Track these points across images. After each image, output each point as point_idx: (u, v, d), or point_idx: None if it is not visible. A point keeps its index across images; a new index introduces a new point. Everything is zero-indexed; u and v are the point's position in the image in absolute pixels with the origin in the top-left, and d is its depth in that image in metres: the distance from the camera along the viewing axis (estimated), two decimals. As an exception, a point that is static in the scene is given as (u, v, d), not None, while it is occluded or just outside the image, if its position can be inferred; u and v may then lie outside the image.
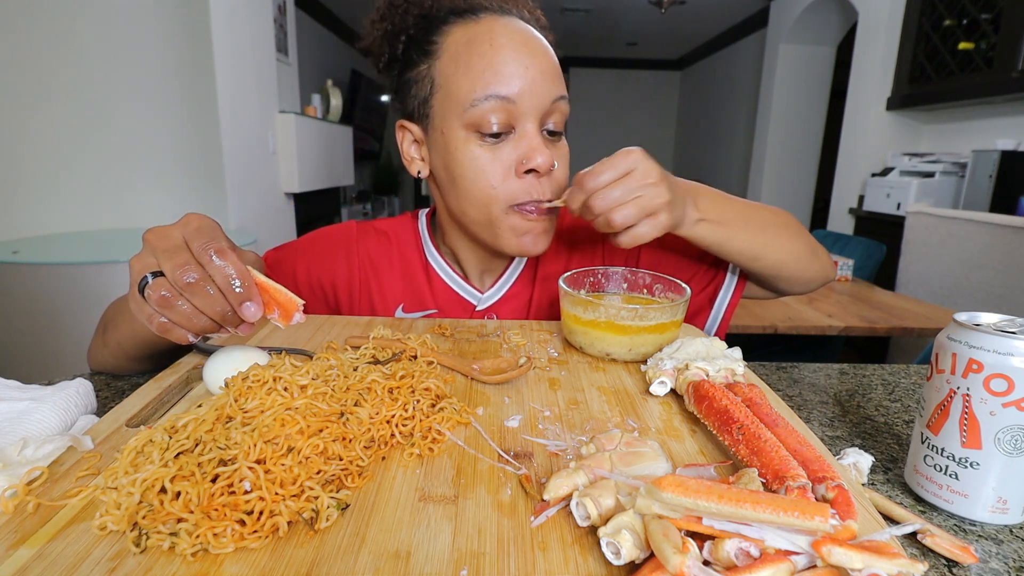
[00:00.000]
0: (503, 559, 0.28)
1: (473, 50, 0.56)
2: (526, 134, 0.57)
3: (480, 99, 0.55)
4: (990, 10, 2.42)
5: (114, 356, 0.58)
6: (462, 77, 0.56)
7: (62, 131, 2.29)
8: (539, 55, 0.57)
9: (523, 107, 0.56)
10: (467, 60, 0.56)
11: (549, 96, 0.57)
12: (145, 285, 0.39)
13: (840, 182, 3.39)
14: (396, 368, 0.44)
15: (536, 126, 0.58)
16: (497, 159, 0.57)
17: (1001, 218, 1.97)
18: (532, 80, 0.56)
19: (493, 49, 0.55)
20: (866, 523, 0.30)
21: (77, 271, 1.72)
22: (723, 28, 5.44)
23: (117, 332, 0.56)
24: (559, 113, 0.59)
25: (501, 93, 0.55)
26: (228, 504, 0.29)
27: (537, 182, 0.58)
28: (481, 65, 0.55)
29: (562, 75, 0.60)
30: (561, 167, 0.61)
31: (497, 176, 0.57)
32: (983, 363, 0.36)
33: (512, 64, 0.55)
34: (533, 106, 0.57)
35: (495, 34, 0.56)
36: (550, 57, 0.58)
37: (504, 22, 0.57)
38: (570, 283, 0.60)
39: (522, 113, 0.57)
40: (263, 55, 2.82)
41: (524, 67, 0.56)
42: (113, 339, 0.56)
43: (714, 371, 0.46)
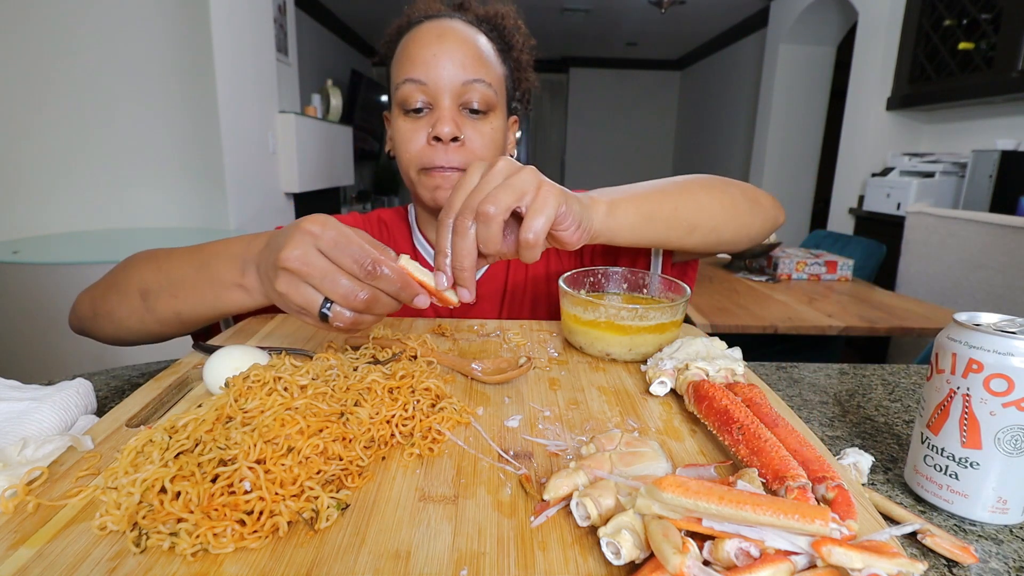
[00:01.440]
0: (503, 559, 0.28)
1: (405, 48, 0.69)
2: (439, 108, 0.67)
3: (401, 82, 0.68)
4: (990, 10, 2.42)
5: (161, 324, 0.56)
6: (396, 68, 0.70)
7: (62, 131, 2.29)
8: (452, 46, 0.67)
9: (434, 88, 0.67)
10: (399, 55, 0.69)
11: (459, 79, 0.67)
12: (327, 318, 0.42)
13: (840, 182, 3.39)
14: (396, 368, 0.44)
15: (451, 103, 0.67)
16: (415, 130, 0.69)
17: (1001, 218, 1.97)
18: (441, 66, 0.66)
19: (414, 44, 0.68)
20: (866, 523, 0.30)
21: (77, 271, 1.72)
22: (723, 28, 5.44)
23: (176, 302, 0.54)
24: (476, 93, 0.67)
25: (414, 77, 0.67)
26: (228, 504, 0.29)
27: (444, 149, 0.67)
28: (404, 57, 0.68)
29: (483, 61, 0.69)
30: (480, 141, 0.69)
31: (414, 143, 0.69)
32: (983, 363, 0.36)
33: (424, 54, 0.66)
34: (444, 87, 0.67)
35: (419, 33, 0.68)
36: (467, 46, 0.67)
37: (432, 24, 0.69)
38: (570, 283, 0.60)
39: (435, 92, 0.67)
40: (263, 55, 2.82)
41: (433, 55, 0.66)
42: (169, 307, 0.54)
43: (714, 371, 0.46)
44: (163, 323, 0.57)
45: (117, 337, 0.60)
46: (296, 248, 0.41)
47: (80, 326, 0.62)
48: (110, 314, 0.58)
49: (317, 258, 0.41)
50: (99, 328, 0.60)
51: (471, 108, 0.68)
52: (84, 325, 0.62)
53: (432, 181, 0.69)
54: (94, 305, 0.60)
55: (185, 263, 0.55)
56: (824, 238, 2.64)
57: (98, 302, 0.59)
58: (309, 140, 3.29)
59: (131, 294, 0.56)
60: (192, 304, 0.54)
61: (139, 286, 0.56)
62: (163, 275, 0.55)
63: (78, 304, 0.62)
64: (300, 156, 3.14)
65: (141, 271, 0.57)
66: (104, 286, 0.60)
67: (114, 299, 0.58)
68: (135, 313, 0.56)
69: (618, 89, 7.06)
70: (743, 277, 2.01)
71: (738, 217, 0.63)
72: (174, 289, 0.54)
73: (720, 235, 0.63)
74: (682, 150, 7.05)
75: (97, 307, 0.59)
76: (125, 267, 0.59)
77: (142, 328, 0.58)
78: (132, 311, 0.56)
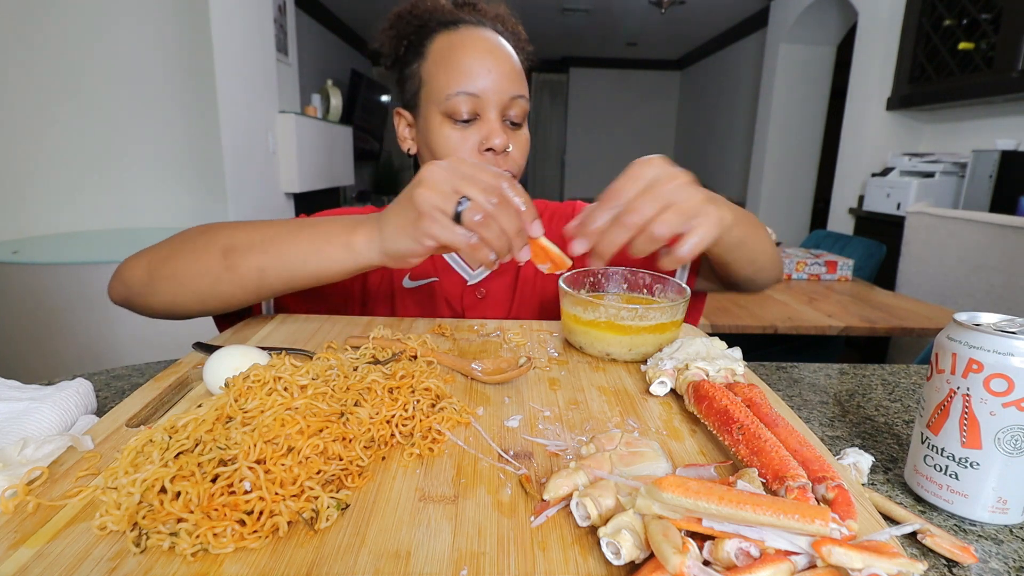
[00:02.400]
0: (503, 559, 0.28)
1: (451, 55, 0.69)
2: (488, 121, 0.69)
3: (453, 94, 0.68)
4: (990, 10, 2.42)
5: (237, 284, 0.56)
6: (443, 76, 0.69)
7: (62, 132, 2.29)
8: (501, 61, 0.70)
9: (486, 100, 0.69)
10: (446, 63, 0.69)
11: (508, 93, 0.70)
12: (462, 209, 0.45)
13: (840, 182, 3.38)
14: (396, 368, 0.44)
15: (497, 115, 0.70)
16: (464, 139, 0.70)
17: (1001, 218, 1.97)
18: (494, 80, 0.68)
19: (465, 55, 0.69)
20: (866, 523, 0.30)
21: (77, 271, 1.72)
22: (723, 28, 5.44)
23: (265, 258, 0.54)
24: (518, 108, 0.71)
25: (469, 90, 0.68)
26: (228, 504, 0.29)
27: (493, 160, 0.70)
28: (455, 67, 0.68)
29: (523, 78, 0.73)
30: (517, 151, 0.73)
31: (463, 152, 0.69)
32: (983, 363, 0.36)
33: (478, 67, 0.68)
34: (494, 100, 0.69)
35: (468, 42, 0.69)
36: (511, 61, 0.71)
37: (477, 32, 0.71)
38: (570, 283, 0.60)
39: (485, 105, 0.69)
40: (263, 55, 2.82)
41: (487, 70, 0.68)
42: (255, 263, 0.55)
43: (714, 371, 0.46)
44: (240, 283, 0.56)
45: (173, 303, 0.59)
46: (441, 164, 0.47)
47: (126, 294, 0.60)
48: (174, 275, 0.57)
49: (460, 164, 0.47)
50: (153, 293, 0.58)
51: (511, 120, 0.72)
52: (134, 291, 0.59)
53: None
54: (152, 268, 0.58)
55: (282, 225, 0.56)
56: (824, 238, 2.64)
57: (158, 264, 0.58)
58: (309, 140, 3.29)
59: (210, 252, 0.56)
60: (282, 261, 0.54)
61: (224, 244, 0.56)
62: (257, 233, 0.56)
63: (128, 270, 0.60)
64: (300, 156, 3.14)
65: (227, 231, 0.57)
66: (169, 248, 0.59)
67: (185, 259, 0.57)
68: (210, 272, 0.56)
69: (618, 89, 7.06)
70: (743, 277, 2.01)
71: (774, 265, 0.70)
72: (265, 245, 0.55)
73: (760, 277, 0.69)
74: (682, 150, 7.05)
75: (157, 270, 0.58)
76: (202, 231, 0.58)
77: (212, 290, 0.57)
78: (207, 270, 0.56)
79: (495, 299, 0.78)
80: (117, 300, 0.62)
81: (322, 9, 4.78)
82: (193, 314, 0.61)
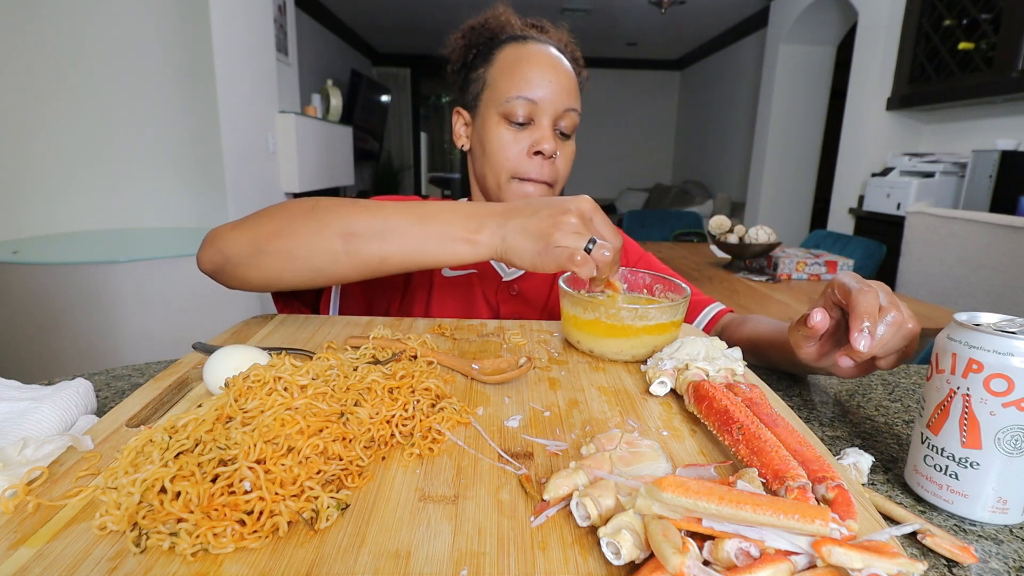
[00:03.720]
0: (503, 559, 0.28)
1: (517, 64, 0.76)
2: (541, 127, 0.76)
3: (513, 98, 0.75)
4: (990, 10, 2.42)
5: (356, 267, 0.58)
6: (506, 81, 0.76)
7: (62, 131, 2.29)
8: (561, 75, 0.76)
9: (542, 108, 0.75)
10: (511, 70, 0.76)
11: (563, 105, 0.76)
12: (590, 250, 0.53)
13: (840, 182, 3.39)
14: (396, 368, 0.44)
15: (550, 123, 0.76)
16: (516, 141, 0.76)
17: (1001, 218, 1.97)
18: (552, 91, 0.75)
19: (530, 65, 0.75)
20: (866, 523, 0.30)
21: (77, 271, 1.72)
22: (723, 28, 5.44)
23: (388, 247, 0.57)
24: (569, 120, 0.77)
25: (529, 96, 0.74)
26: (228, 504, 0.29)
27: (540, 163, 0.76)
28: (519, 75, 0.75)
29: (578, 93, 0.79)
30: (563, 160, 0.79)
31: (513, 152, 0.76)
32: (983, 363, 0.36)
33: (540, 77, 0.75)
34: (549, 109, 0.75)
35: (533, 55, 0.76)
36: (570, 78, 0.78)
37: (542, 48, 0.78)
38: (570, 283, 0.60)
39: (541, 112, 0.75)
40: (263, 55, 2.82)
41: (548, 81, 0.75)
42: (376, 251, 0.57)
43: (714, 371, 0.46)
44: (359, 266, 0.58)
45: (280, 277, 0.60)
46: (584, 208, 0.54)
47: (222, 264, 0.61)
48: (289, 252, 0.59)
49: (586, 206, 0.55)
50: (257, 266, 0.60)
51: (561, 130, 0.77)
52: (233, 262, 0.60)
53: (523, 189, 0.77)
54: (259, 242, 0.59)
55: (402, 214, 0.58)
56: (824, 238, 2.64)
57: (267, 239, 0.59)
58: (309, 140, 3.29)
59: (328, 234, 0.58)
60: (405, 251, 0.57)
61: (341, 228, 0.58)
62: (377, 221, 0.57)
63: (228, 240, 0.60)
64: (300, 156, 3.14)
65: (345, 216, 0.58)
66: (274, 223, 0.60)
67: (299, 238, 0.58)
68: (329, 252, 0.58)
69: (618, 89, 7.06)
70: (743, 277, 2.01)
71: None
72: (388, 235, 0.57)
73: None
74: (682, 150, 7.05)
75: (266, 244, 0.59)
76: (309, 209, 0.59)
77: (329, 268, 0.59)
78: (325, 249, 0.58)
79: (529, 297, 0.82)
80: (208, 269, 0.63)
81: (322, 9, 4.78)
82: (293, 287, 0.62)
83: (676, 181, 6.97)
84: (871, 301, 0.46)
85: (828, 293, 0.51)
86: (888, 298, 0.47)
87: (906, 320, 0.46)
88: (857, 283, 0.48)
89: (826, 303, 0.51)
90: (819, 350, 0.53)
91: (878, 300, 0.46)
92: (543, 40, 0.79)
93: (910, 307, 0.48)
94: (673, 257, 2.40)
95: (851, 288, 0.47)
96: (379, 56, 6.94)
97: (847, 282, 0.48)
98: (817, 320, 0.49)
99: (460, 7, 4.98)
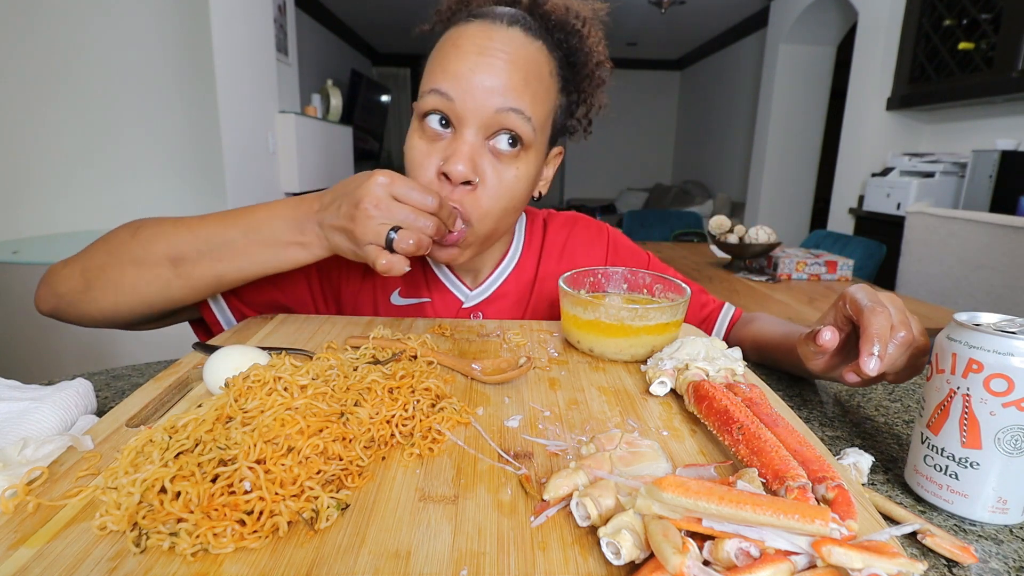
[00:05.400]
0: (503, 559, 0.28)
1: (442, 47, 0.58)
2: (459, 138, 0.56)
3: (427, 91, 0.56)
4: (990, 10, 2.42)
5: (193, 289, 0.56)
6: (427, 69, 0.59)
7: (62, 131, 2.29)
8: (493, 63, 0.55)
9: (460, 108, 0.55)
10: (435, 54, 0.58)
11: (490, 104, 0.55)
12: (392, 240, 0.49)
13: (840, 182, 3.39)
14: (396, 368, 0.44)
15: (475, 134, 0.56)
16: (429, 154, 0.57)
17: (1001, 218, 1.97)
18: (473, 84, 0.54)
19: (453, 49, 0.56)
20: (866, 523, 0.30)
21: (77, 271, 1.71)
22: (723, 28, 5.44)
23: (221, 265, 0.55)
24: (507, 127, 0.56)
25: (441, 88, 0.55)
26: (228, 504, 0.29)
27: (451, 190, 0.56)
28: (438, 60, 0.57)
29: (532, 90, 0.57)
30: (499, 190, 0.58)
31: (424, 170, 0.57)
32: (983, 363, 0.36)
33: (460, 65, 0.55)
34: (471, 110, 0.55)
35: (465, 37, 0.57)
36: (509, 69, 0.55)
37: (484, 29, 0.57)
38: (570, 283, 0.60)
39: (460, 115, 0.55)
40: (263, 55, 2.82)
41: (469, 70, 0.55)
42: (210, 271, 0.55)
43: (714, 371, 0.46)
44: (196, 288, 0.57)
45: (114, 311, 0.57)
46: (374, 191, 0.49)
47: (56, 304, 0.58)
48: (117, 283, 0.56)
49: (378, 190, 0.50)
50: (91, 301, 0.57)
51: (499, 147, 0.57)
52: (67, 299, 0.57)
53: None
54: (89, 277, 0.56)
55: (225, 228, 0.55)
56: (824, 238, 2.64)
57: (96, 273, 0.56)
58: (309, 140, 3.29)
59: (154, 261, 0.55)
60: (240, 265, 0.55)
61: (168, 253, 0.55)
62: (201, 241, 0.55)
63: (58, 279, 0.58)
64: (300, 156, 3.14)
65: (168, 238, 0.56)
66: (103, 255, 0.57)
67: (126, 268, 0.56)
68: (159, 280, 0.56)
69: (618, 89, 7.04)
70: (743, 277, 2.01)
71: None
72: (218, 253, 0.55)
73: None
74: (682, 150, 7.05)
75: (94, 278, 0.56)
76: (133, 233, 0.57)
77: (161, 295, 0.56)
78: (154, 278, 0.55)
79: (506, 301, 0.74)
80: (46, 310, 0.60)
81: (322, 9, 4.78)
82: (136, 319, 0.60)
83: (676, 181, 6.97)
84: (883, 323, 0.45)
85: (839, 306, 0.50)
86: (899, 316, 0.46)
87: (916, 337, 0.46)
88: (869, 300, 0.47)
89: (836, 316, 0.51)
90: (827, 363, 0.52)
91: (890, 320, 0.45)
92: (504, 17, 0.58)
93: (910, 307, 0.48)
94: (673, 257, 2.40)
95: (863, 306, 0.46)
96: (379, 56, 6.94)
97: (859, 299, 0.47)
98: (826, 339, 0.48)
99: (460, 7, 4.98)
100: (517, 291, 0.74)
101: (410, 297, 0.72)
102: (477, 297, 0.72)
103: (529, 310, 0.74)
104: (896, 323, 0.46)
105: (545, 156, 0.65)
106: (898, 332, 0.45)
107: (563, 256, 0.76)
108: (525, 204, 0.66)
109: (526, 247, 0.76)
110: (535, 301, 0.74)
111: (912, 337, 0.46)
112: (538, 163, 0.62)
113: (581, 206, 6.45)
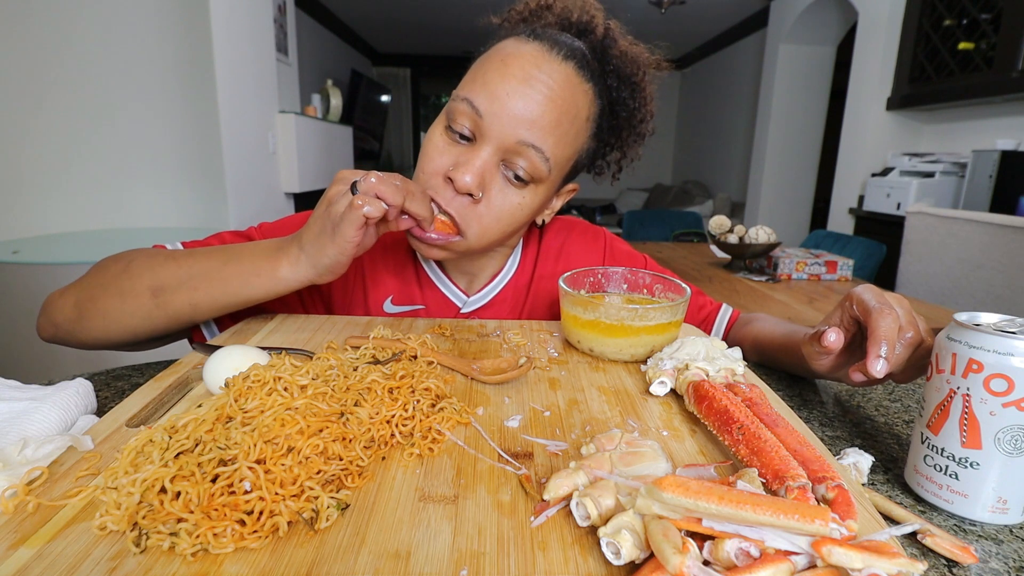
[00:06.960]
0: (503, 559, 0.28)
1: (492, 57, 0.59)
2: (476, 151, 0.57)
3: (460, 97, 0.58)
4: (990, 10, 2.42)
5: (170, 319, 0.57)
6: (472, 69, 0.60)
7: (62, 131, 2.29)
8: (531, 95, 0.56)
9: (486, 126, 0.56)
10: (484, 60, 0.59)
11: (514, 134, 0.56)
12: (356, 182, 0.50)
13: (840, 182, 3.39)
14: (396, 368, 0.44)
15: (492, 153, 0.57)
16: (444, 153, 0.58)
17: (1001, 218, 1.97)
18: (505, 109, 0.55)
19: (500, 65, 0.57)
20: (866, 523, 0.30)
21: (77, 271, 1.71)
22: (723, 28, 5.44)
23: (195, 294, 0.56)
24: (525, 160, 0.57)
25: (475, 102, 0.56)
26: (228, 504, 0.29)
27: (451, 194, 0.57)
28: (483, 69, 0.58)
29: (558, 131, 0.57)
30: (501, 212, 0.58)
31: (433, 165, 0.58)
32: (983, 363, 0.36)
33: (499, 86, 0.56)
34: (495, 132, 0.56)
35: (516, 57, 0.57)
36: (545, 105, 0.56)
37: (538, 54, 0.57)
38: (570, 283, 0.60)
39: (484, 133, 0.56)
40: (263, 55, 2.82)
41: (506, 94, 0.55)
42: (185, 301, 0.56)
43: (714, 371, 0.46)
44: (172, 318, 0.57)
45: (106, 338, 0.59)
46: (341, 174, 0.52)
47: (55, 332, 0.60)
48: (105, 314, 0.57)
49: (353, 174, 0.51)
50: (84, 330, 0.58)
51: (515, 174, 0.58)
52: (64, 328, 0.59)
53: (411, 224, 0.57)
54: (80, 307, 0.58)
55: (209, 258, 0.56)
56: (824, 238, 2.64)
57: (87, 303, 0.58)
58: (309, 140, 3.29)
59: (137, 292, 0.56)
60: (212, 295, 0.55)
61: (150, 283, 0.56)
62: (182, 270, 0.56)
63: (55, 308, 0.59)
64: (300, 156, 3.14)
65: (150, 268, 0.57)
66: (93, 286, 0.59)
67: (112, 299, 0.57)
68: (140, 310, 0.56)
69: (618, 89, 7.04)
70: (743, 277, 2.01)
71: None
72: (194, 283, 0.55)
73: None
74: (682, 150, 7.05)
75: (85, 308, 0.58)
76: (124, 267, 0.58)
77: (144, 325, 0.57)
78: (136, 309, 0.56)
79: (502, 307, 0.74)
80: (47, 337, 0.62)
81: (322, 9, 4.78)
82: (125, 345, 0.61)
83: (676, 181, 6.96)
84: (891, 325, 0.45)
85: (846, 306, 0.50)
86: (907, 317, 0.46)
87: (924, 337, 0.46)
88: (876, 302, 0.47)
89: (843, 316, 0.50)
90: (832, 363, 0.52)
91: (898, 321, 0.45)
92: (553, 47, 0.58)
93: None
94: (673, 257, 2.40)
95: (871, 308, 0.46)
96: (379, 56, 6.93)
97: (867, 299, 0.47)
98: (831, 340, 0.48)
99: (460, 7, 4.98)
100: (514, 296, 0.75)
101: (403, 304, 0.72)
102: (474, 304, 0.72)
103: (525, 312, 0.75)
104: (904, 324, 0.46)
105: (557, 190, 0.65)
106: (906, 333, 0.45)
107: (560, 259, 0.77)
108: (525, 227, 0.68)
109: (523, 254, 0.76)
110: (531, 303, 0.75)
111: (920, 337, 0.46)
112: (547, 195, 0.63)
113: (581, 206, 6.45)
